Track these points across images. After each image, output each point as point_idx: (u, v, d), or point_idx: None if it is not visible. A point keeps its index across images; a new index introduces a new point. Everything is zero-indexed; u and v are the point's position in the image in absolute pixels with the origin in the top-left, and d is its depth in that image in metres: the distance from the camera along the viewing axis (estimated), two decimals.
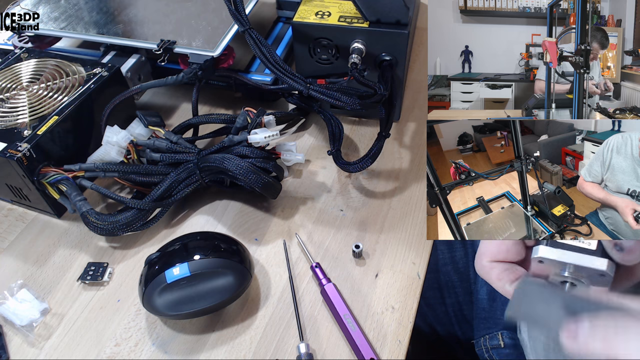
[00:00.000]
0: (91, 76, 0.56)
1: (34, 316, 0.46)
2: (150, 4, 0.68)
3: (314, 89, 0.51)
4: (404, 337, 0.44)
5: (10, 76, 0.57)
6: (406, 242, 0.52)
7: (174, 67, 0.62)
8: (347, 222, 0.53)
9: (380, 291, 0.48)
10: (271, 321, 0.46)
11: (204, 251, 0.44)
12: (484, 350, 0.61)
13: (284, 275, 0.49)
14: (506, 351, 0.59)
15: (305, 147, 0.62)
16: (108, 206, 0.56)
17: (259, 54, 0.51)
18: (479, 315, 0.63)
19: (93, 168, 0.51)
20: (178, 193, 0.52)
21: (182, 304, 0.43)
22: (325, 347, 0.44)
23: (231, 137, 0.53)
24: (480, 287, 0.64)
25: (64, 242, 0.53)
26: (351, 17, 0.56)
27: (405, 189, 0.57)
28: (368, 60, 0.57)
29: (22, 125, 0.51)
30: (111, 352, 0.44)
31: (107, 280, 0.49)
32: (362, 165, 0.54)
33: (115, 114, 0.56)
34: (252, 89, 0.64)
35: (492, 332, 0.61)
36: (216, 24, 0.62)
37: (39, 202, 0.53)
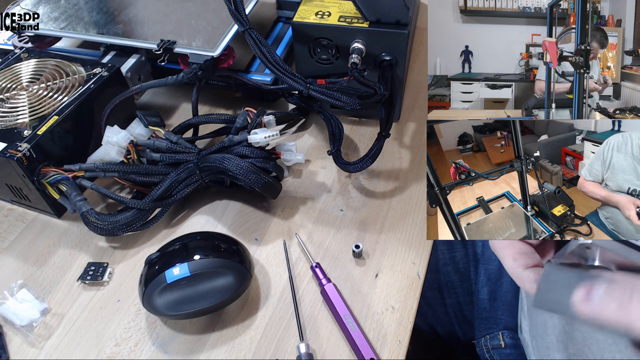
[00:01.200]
0: (91, 76, 0.56)
1: (34, 316, 0.46)
2: (150, 4, 0.68)
3: (314, 89, 0.51)
4: (404, 337, 0.44)
5: (10, 76, 0.57)
6: (406, 242, 0.52)
7: (174, 67, 0.62)
8: (347, 222, 0.53)
9: (380, 291, 0.48)
10: (271, 321, 0.46)
11: (204, 251, 0.44)
12: (484, 350, 0.61)
13: (284, 275, 0.49)
14: (507, 351, 0.59)
15: (305, 147, 0.62)
16: (108, 206, 0.56)
17: (259, 54, 0.51)
18: (480, 315, 0.63)
19: (93, 168, 0.51)
20: (178, 193, 0.52)
21: (182, 304, 0.43)
22: (325, 347, 0.44)
23: (231, 137, 0.53)
24: (482, 287, 0.64)
25: (64, 242, 0.53)
26: (351, 17, 0.56)
27: (405, 189, 0.57)
28: (368, 60, 0.57)
29: (22, 125, 0.51)
30: (111, 352, 0.44)
31: (107, 280, 0.49)
32: (362, 165, 0.54)
33: (115, 114, 0.56)
34: (252, 89, 0.64)
35: (493, 332, 0.61)
36: (216, 24, 0.62)
37: (39, 202, 0.53)
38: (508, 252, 0.34)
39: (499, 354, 0.60)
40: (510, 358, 0.59)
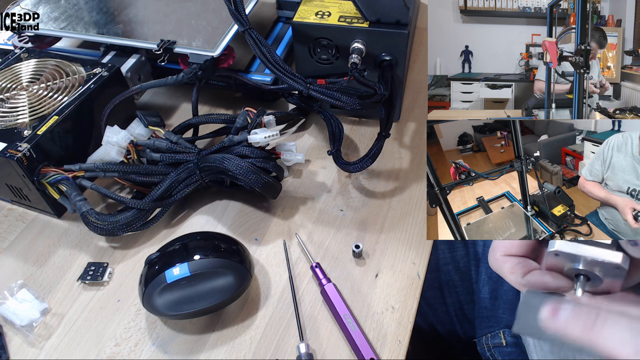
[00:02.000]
0: (91, 76, 0.56)
1: (34, 316, 0.46)
2: (150, 4, 0.68)
3: (314, 89, 0.51)
4: (404, 337, 0.44)
5: (10, 76, 0.57)
6: (406, 242, 0.52)
7: (174, 67, 0.62)
8: (347, 222, 0.53)
9: (380, 291, 0.48)
10: (271, 321, 0.46)
11: (204, 251, 0.44)
12: (485, 348, 0.61)
13: (284, 275, 0.49)
14: (508, 349, 0.59)
15: (305, 147, 0.62)
16: (108, 206, 0.56)
17: (259, 54, 0.51)
18: (481, 314, 0.63)
19: (93, 168, 0.51)
20: (178, 193, 0.52)
21: (182, 304, 0.43)
22: (325, 347, 0.44)
23: (231, 137, 0.53)
24: (483, 286, 0.64)
25: (64, 242, 0.53)
26: (351, 17, 0.56)
27: (405, 189, 0.57)
28: (368, 60, 0.57)
29: (22, 125, 0.51)
30: (111, 352, 0.44)
31: (107, 280, 0.49)
32: (362, 165, 0.54)
33: (115, 114, 0.56)
34: (252, 89, 0.64)
35: (494, 330, 0.61)
36: (216, 24, 0.62)
37: (39, 202, 0.53)
38: (506, 267, 0.35)
39: (499, 353, 0.60)
40: (511, 356, 0.59)
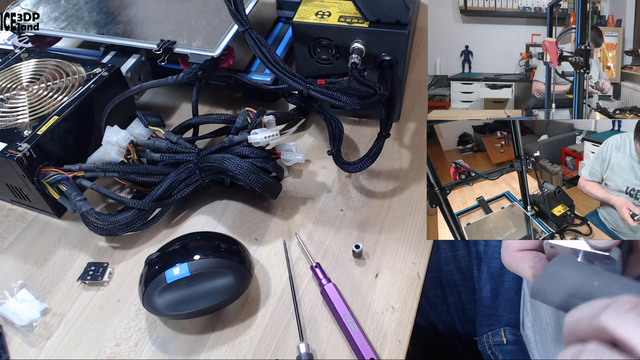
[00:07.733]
0: (91, 76, 0.56)
1: (34, 316, 0.46)
2: (150, 4, 0.68)
3: (314, 89, 0.51)
4: (404, 337, 0.44)
5: (10, 76, 0.57)
6: (406, 242, 0.52)
7: (174, 67, 0.62)
8: (347, 222, 0.53)
9: (380, 291, 0.48)
10: (271, 321, 0.46)
11: (204, 251, 0.44)
12: (486, 347, 0.61)
13: (284, 275, 0.49)
14: (509, 347, 0.59)
15: (305, 147, 0.62)
16: (108, 206, 0.56)
17: (259, 54, 0.51)
18: (482, 313, 0.63)
19: (93, 168, 0.51)
20: (178, 193, 0.52)
21: (182, 304, 0.43)
22: (325, 347, 0.44)
23: (231, 137, 0.53)
24: (484, 285, 0.64)
25: (64, 242, 0.53)
26: (351, 17, 0.56)
27: (405, 189, 0.57)
28: (368, 60, 0.57)
29: (22, 125, 0.51)
30: (111, 352, 0.44)
31: (107, 280, 0.49)
32: (362, 165, 0.54)
33: (115, 114, 0.56)
34: (252, 89, 0.64)
35: (494, 328, 0.61)
36: (216, 24, 0.62)
37: (39, 202, 0.53)
38: (526, 263, 0.34)
39: (500, 351, 0.60)
40: (511, 354, 0.59)
